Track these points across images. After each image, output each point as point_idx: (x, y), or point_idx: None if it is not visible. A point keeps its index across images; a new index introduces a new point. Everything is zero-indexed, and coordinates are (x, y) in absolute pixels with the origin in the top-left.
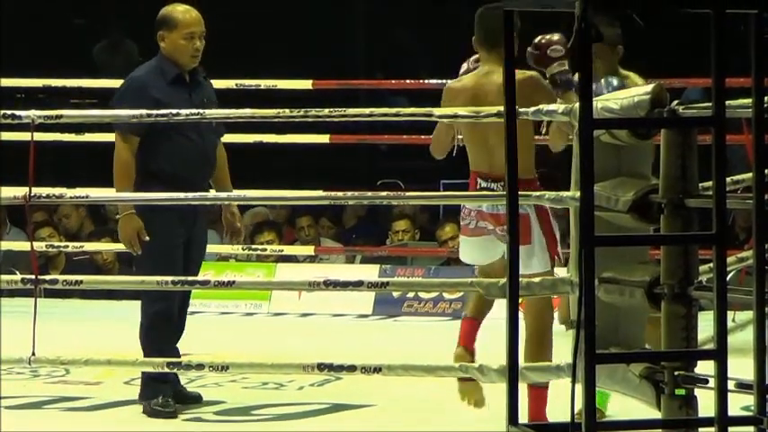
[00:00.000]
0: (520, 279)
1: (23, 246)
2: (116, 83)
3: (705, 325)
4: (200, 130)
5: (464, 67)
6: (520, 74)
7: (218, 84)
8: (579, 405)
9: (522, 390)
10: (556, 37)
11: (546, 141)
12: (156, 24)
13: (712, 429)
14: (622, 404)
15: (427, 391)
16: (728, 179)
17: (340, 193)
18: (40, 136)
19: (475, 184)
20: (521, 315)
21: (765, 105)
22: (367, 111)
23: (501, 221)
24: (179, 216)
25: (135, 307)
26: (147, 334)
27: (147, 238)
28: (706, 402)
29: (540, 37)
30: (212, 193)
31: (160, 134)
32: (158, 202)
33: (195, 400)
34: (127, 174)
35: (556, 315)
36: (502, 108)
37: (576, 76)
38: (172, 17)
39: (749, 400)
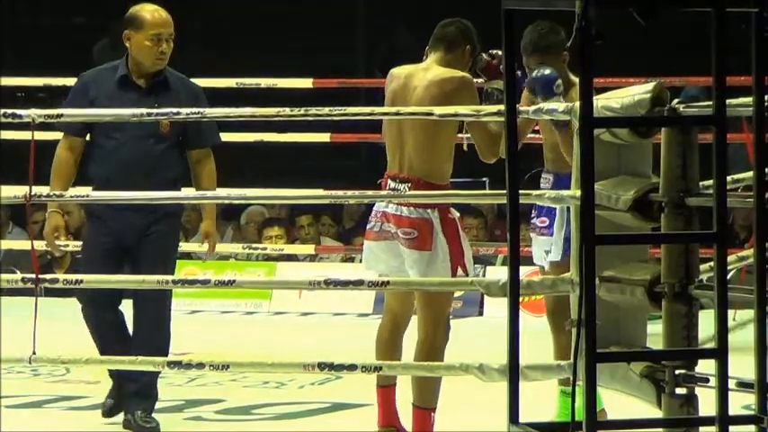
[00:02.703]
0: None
1: (26, 245)
2: None
3: (706, 324)
4: (136, 135)
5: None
6: (448, 72)
7: (219, 83)
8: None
9: (523, 389)
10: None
11: (534, 141)
12: (123, 23)
13: (713, 428)
14: (622, 403)
15: None
16: (729, 178)
17: (340, 192)
18: (40, 135)
19: (386, 185)
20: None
21: (766, 104)
22: (367, 110)
23: (402, 223)
24: (106, 224)
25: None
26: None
27: (63, 239)
28: (707, 401)
29: (498, 51)
30: (210, 192)
31: (95, 137)
32: (158, 201)
33: None
34: (59, 173)
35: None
36: (501, 107)
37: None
38: (139, 16)
39: (750, 399)
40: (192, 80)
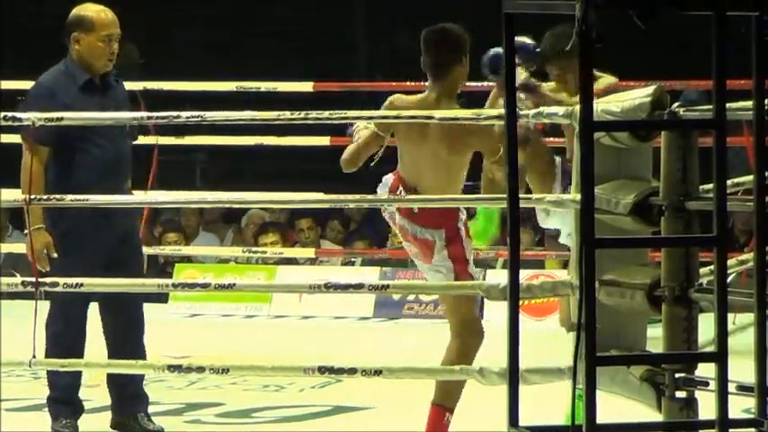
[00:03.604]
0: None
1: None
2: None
3: (706, 327)
4: (113, 137)
5: None
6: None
7: (219, 87)
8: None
9: (523, 392)
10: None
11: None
12: (67, 26)
13: None
14: (622, 406)
15: (428, 394)
16: (729, 181)
17: (341, 196)
18: None
19: (396, 186)
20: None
21: (766, 107)
22: (368, 113)
23: (407, 238)
24: (96, 235)
25: None
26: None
27: (56, 255)
28: (707, 405)
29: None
30: (211, 195)
31: (72, 143)
32: (159, 205)
33: None
34: (37, 185)
35: (557, 317)
36: (501, 111)
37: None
38: (88, 18)
39: (750, 402)
40: (193, 84)
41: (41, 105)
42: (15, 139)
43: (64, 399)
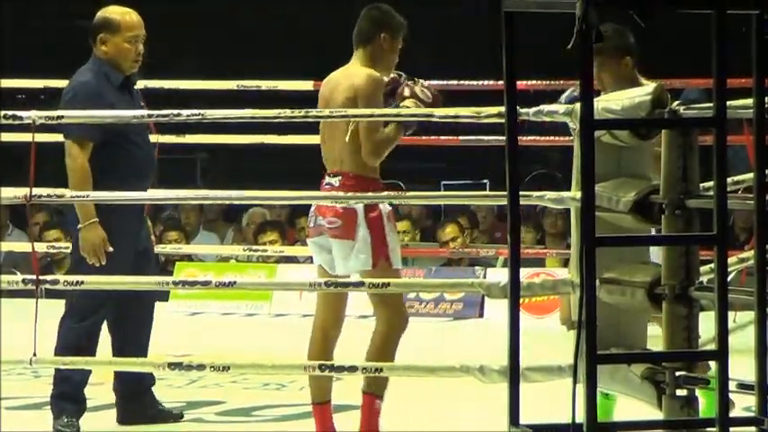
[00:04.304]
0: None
1: (25, 247)
2: None
3: (706, 326)
4: (146, 137)
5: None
6: (355, 73)
7: (220, 85)
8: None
9: (523, 390)
10: (436, 92)
11: (534, 143)
12: (93, 27)
13: (713, 430)
14: (622, 404)
15: (428, 392)
16: (729, 180)
17: (341, 194)
18: (41, 137)
19: (323, 183)
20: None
21: (766, 106)
22: (368, 111)
23: (328, 213)
24: (136, 226)
25: None
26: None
27: (111, 248)
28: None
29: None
30: (214, 192)
31: (116, 141)
32: (160, 201)
33: (176, 417)
34: (87, 182)
35: (557, 316)
36: (502, 108)
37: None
38: (113, 20)
39: (750, 400)
40: (194, 82)
41: (90, 104)
42: (16, 137)
43: (72, 395)
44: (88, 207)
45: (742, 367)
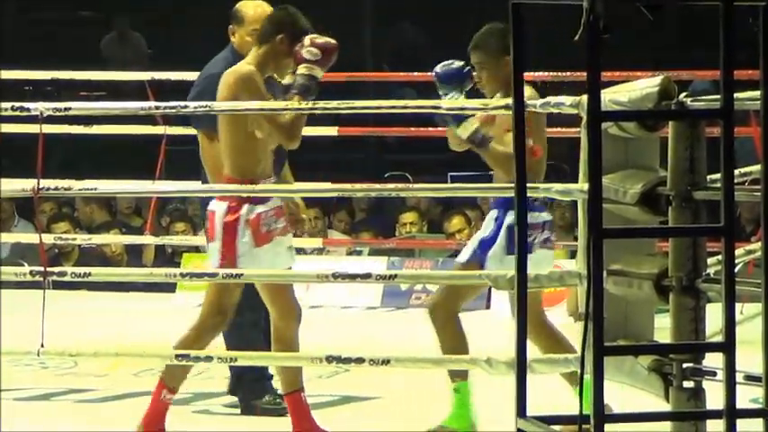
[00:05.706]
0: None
1: (33, 238)
2: (124, 75)
3: (713, 317)
4: None
5: None
6: (231, 71)
7: None
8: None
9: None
10: (323, 41)
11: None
12: (230, 17)
13: (721, 422)
14: (628, 396)
15: (435, 383)
16: (736, 171)
17: (348, 186)
18: (48, 128)
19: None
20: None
21: None
22: (375, 103)
23: (207, 216)
24: None
25: (142, 299)
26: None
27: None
28: (714, 395)
29: (316, 36)
30: (218, 185)
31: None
32: (167, 194)
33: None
34: (216, 173)
35: (564, 307)
36: (509, 100)
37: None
38: (241, 12)
39: (758, 392)
40: (192, 74)
41: (214, 97)
42: (24, 129)
43: (261, 374)
44: None
45: (749, 359)
